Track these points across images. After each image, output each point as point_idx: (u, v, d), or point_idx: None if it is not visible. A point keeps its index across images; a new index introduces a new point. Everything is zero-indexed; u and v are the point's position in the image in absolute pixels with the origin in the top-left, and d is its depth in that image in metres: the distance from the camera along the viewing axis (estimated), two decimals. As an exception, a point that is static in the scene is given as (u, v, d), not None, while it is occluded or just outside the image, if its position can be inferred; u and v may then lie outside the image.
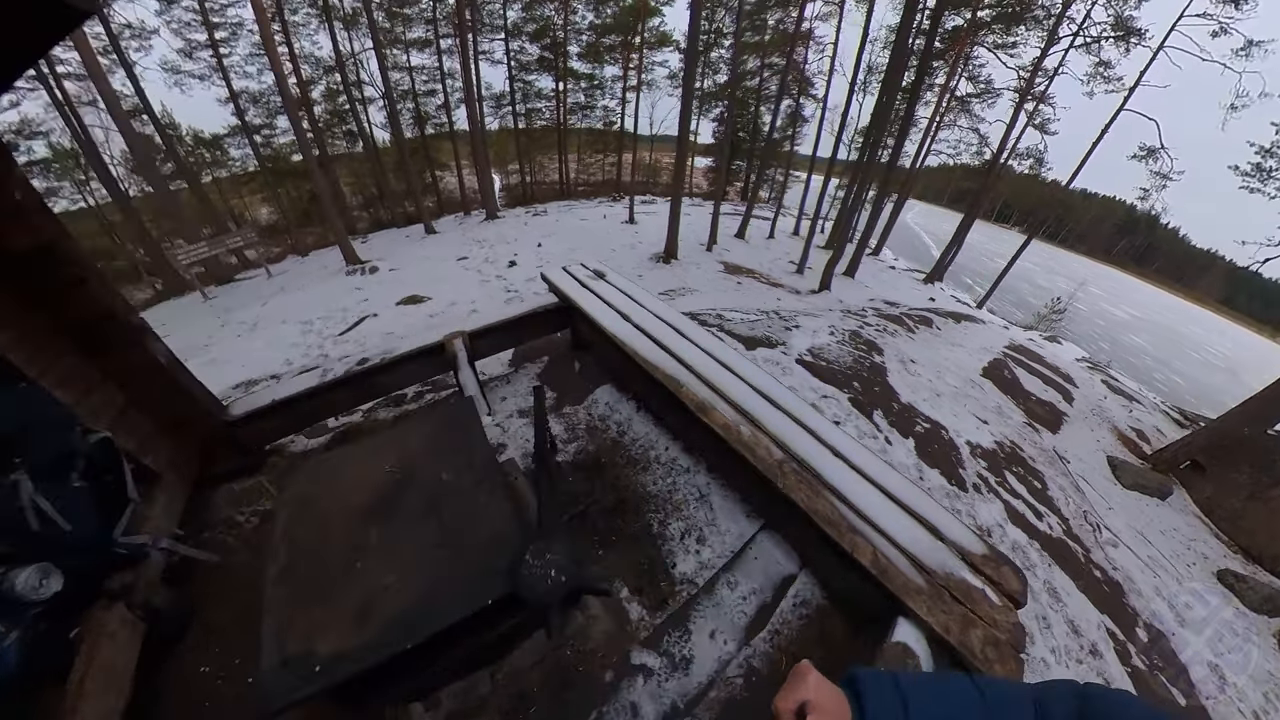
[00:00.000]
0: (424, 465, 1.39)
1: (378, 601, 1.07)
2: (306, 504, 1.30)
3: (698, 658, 1.57)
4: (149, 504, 1.64)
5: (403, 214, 20.98)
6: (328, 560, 1.16)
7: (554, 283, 3.15)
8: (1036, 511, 2.88)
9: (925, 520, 1.70)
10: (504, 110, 23.80)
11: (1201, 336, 31.70)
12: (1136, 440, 5.78)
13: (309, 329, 7.59)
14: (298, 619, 1.05)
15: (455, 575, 1.12)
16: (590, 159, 28.36)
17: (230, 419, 2.02)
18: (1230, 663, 2.57)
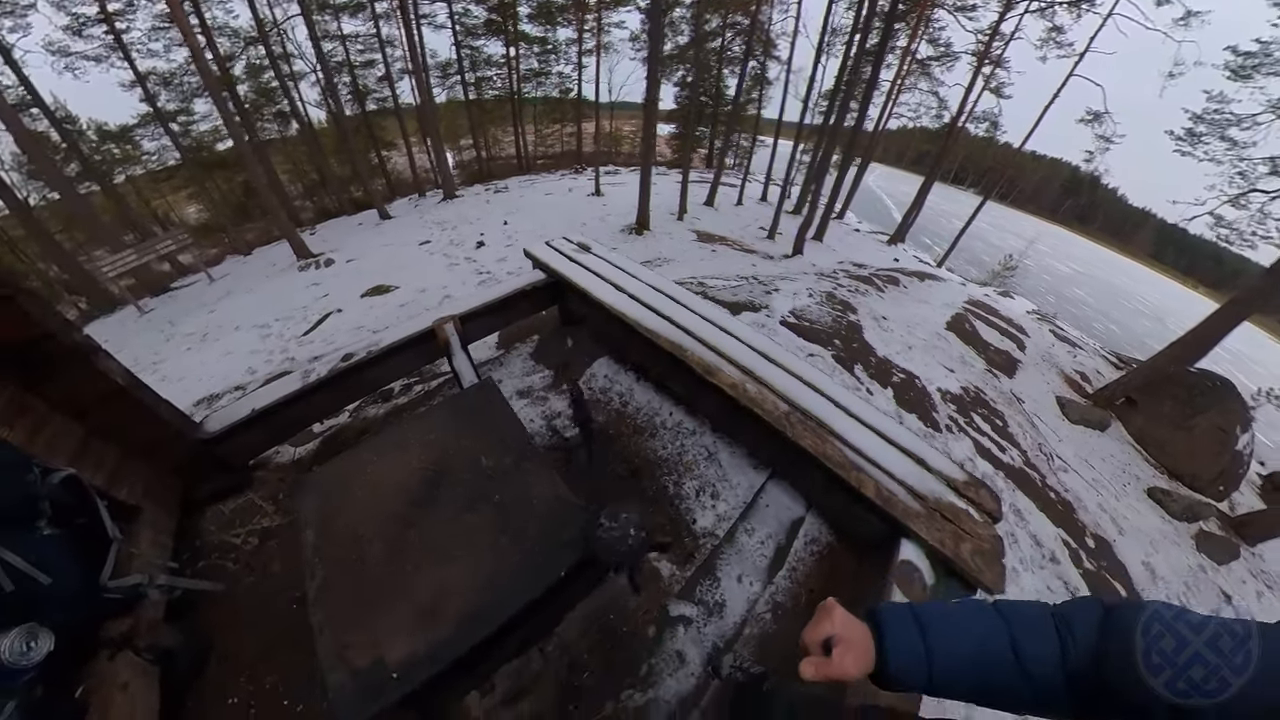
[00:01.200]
0: (457, 456, 1.37)
1: (444, 598, 1.07)
2: (332, 516, 1.24)
3: (729, 601, 1.73)
4: (133, 540, 1.49)
5: (350, 200, 19.43)
6: (373, 568, 1.13)
7: (540, 258, 3.10)
8: (1000, 446, 3.21)
9: (914, 455, 1.90)
10: (452, 80, 22.09)
11: (1134, 288, 34.45)
12: (1080, 382, 6.40)
13: (268, 333, 7.15)
14: (357, 633, 1.01)
15: (519, 556, 1.13)
16: (548, 130, 27.09)
17: (207, 436, 1.83)
18: (1158, 561, 3.02)
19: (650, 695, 1.47)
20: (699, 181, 18.31)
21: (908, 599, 1.47)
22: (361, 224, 15.18)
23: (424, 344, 2.44)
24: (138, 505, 1.59)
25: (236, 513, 1.90)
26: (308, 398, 2.09)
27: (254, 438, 2.04)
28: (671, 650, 1.58)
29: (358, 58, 19.20)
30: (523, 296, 3.06)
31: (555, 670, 1.50)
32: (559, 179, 20.56)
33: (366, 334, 2.27)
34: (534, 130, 26.55)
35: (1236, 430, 5.69)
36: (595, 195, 16.08)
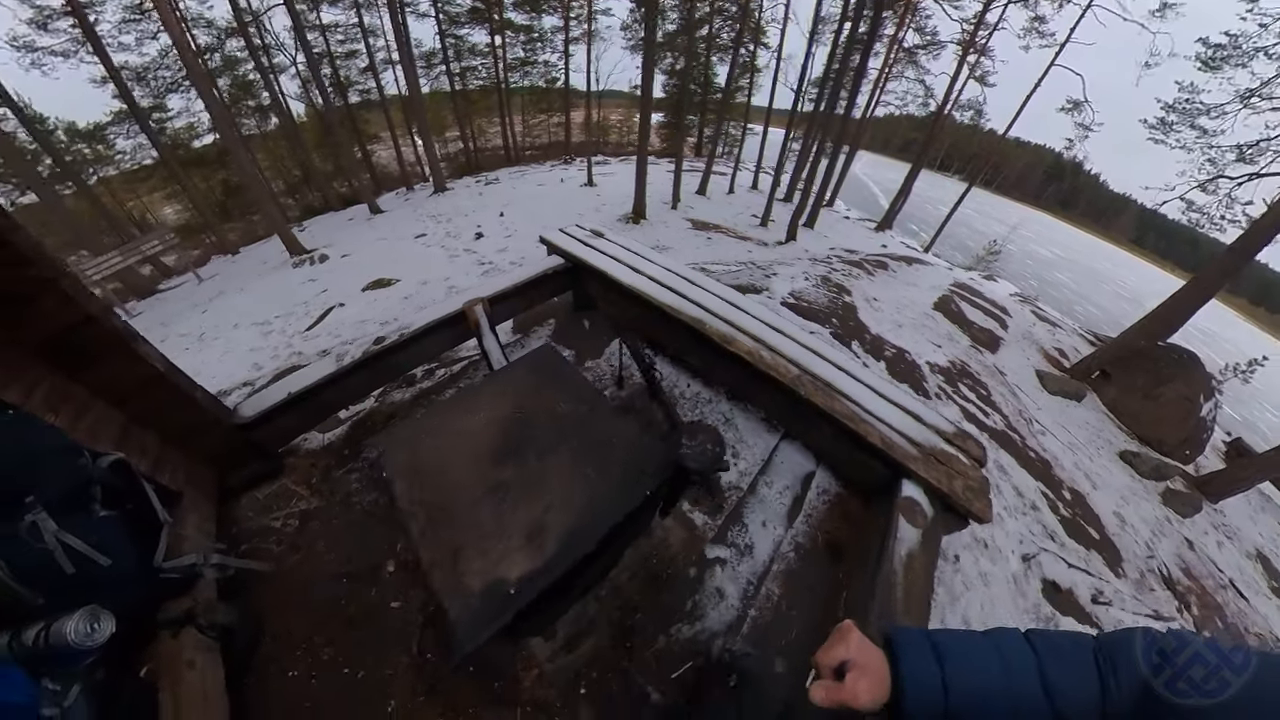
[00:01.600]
0: (534, 408, 1.49)
1: (545, 523, 1.18)
2: (420, 469, 1.29)
3: (757, 544, 1.96)
4: (180, 524, 1.51)
5: (338, 196, 19.13)
6: (472, 507, 1.20)
7: (557, 244, 3.23)
8: (984, 411, 3.51)
9: (909, 411, 2.16)
10: (436, 70, 21.66)
11: (1114, 272, 35.43)
12: (1058, 357, 6.77)
13: (269, 329, 7.11)
14: (469, 563, 1.09)
15: (608, 484, 1.29)
16: (535, 120, 26.83)
17: (242, 422, 1.82)
18: (1128, 511, 3.35)
19: (697, 627, 1.70)
20: (690, 170, 18.39)
21: (913, 528, 1.73)
22: (352, 219, 15.01)
23: (454, 326, 2.52)
24: (180, 491, 1.59)
25: (272, 498, 1.92)
26: (341, 381, 2.11)
27: (286, 423, 2.05)
28: (712, 587, 1.81)
29: (339, 48, 18.65)
30: (545, 280, 3.15)
31: (609, 613, 1.70)
32: (549, 170, 20.48)
33: (373, 326, 2.31)
34: (521, 121, 26.26)
35: (1200, 399, 6.10)
36: (588, 185, 16.10)
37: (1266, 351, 10.68)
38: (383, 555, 1.78)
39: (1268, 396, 20.66)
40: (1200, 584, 3.28)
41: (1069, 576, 2.40)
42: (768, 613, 1.76)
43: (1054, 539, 2.60)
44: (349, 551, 1.77)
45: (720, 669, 1.28)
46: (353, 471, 2.08)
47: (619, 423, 1.46)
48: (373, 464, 2.14)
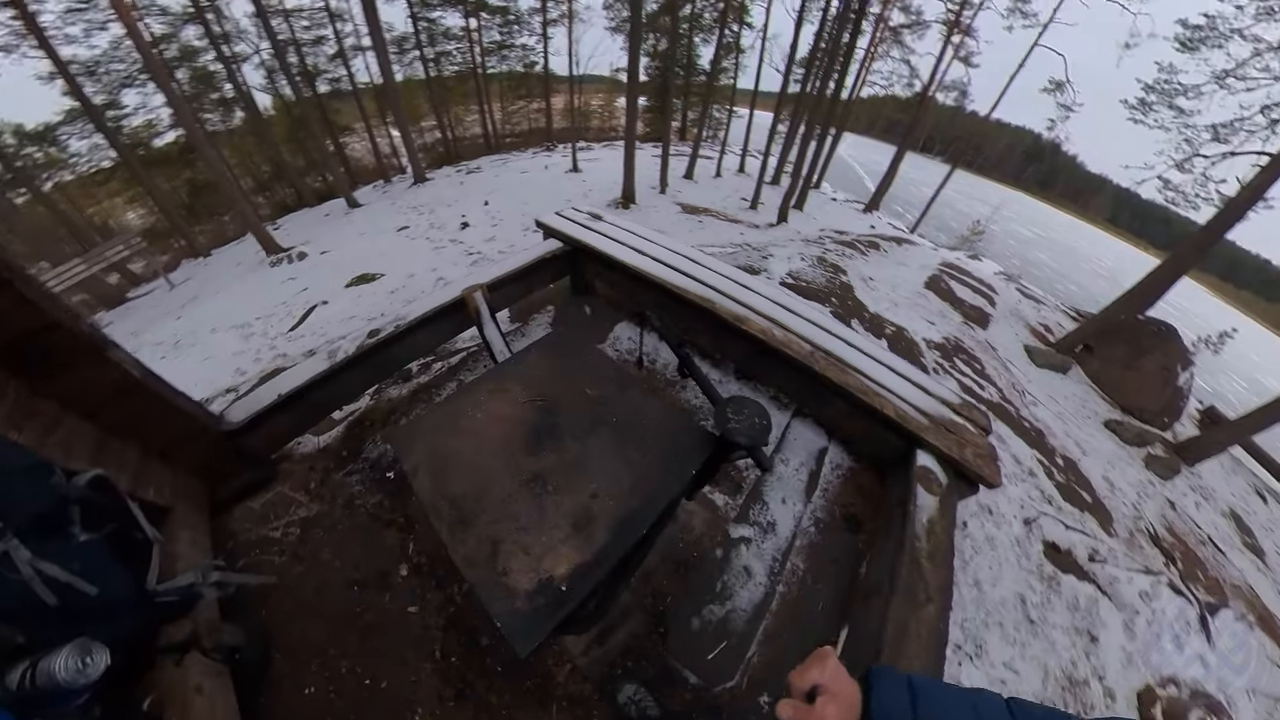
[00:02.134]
0: (561, 390, 1.42)
1: (593, 511, 1.11)
2: (444, 460, 1.20)
3: (778, 520, 2.00)
4: (172, 542, 1.40)
5: (312, 191, 18.35)
6: (508, 500, 1.12)
7: (555, 227, 3.12)
8: (980, 385, 3.62)
9: (918, 384, 2.21)
10: (409, 56, 20.75)
11: (1091, 250, 36.34)
12: (1044, 332, 6.97)
13: (249, 332, 6.87)
14: (510, 561, 1.01)
15: (653, 462, 1.23)
16: (514, 106, 26.08)
17: (231, 428, 1.68)
18: (1115, 476, 3.51)
19: (728, 606, 1.74)
20: (676, 155, 18.21)
21: (930, 495, 1.79)
22: (329, 215, 14.46)
23: (453, 315, 2.39)
24: (168, 506, 1.47)
25: (269, 507, 1.81)
26: (334, 379, 1.98)
27: (278, 427, 1.91)
28: (739, 566, 1.85)
29: (305, 34, 17.49)
30: (544, 264, 3.05)
31: (641, 600, 1.70)
32: (532, 157, 20.07)
33: (360, 323, 2.18)
34: (500, 107, 25.54)
35: (1177, 369, 6.37)
36: (573, 172, 15.84)
37: (1235, 325, 11.16)
38: (393, 560, 1.70)
39: (1235, 368, 21.64)
40: (1183, 541, 3.47)
41: (1067, 538, 2.51)
42: (794, 587, 1.81)
43: (1051, 503, 2.72)
44: (356, 558, 1.69)
45: None
46: (353, 474, 1.99)
47: (651, 399, 1.43)
48: (374, 464, 2.06)
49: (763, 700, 1.55)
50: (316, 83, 18.49)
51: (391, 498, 1.90)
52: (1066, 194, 74.59)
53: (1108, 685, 2.04)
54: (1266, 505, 6.17)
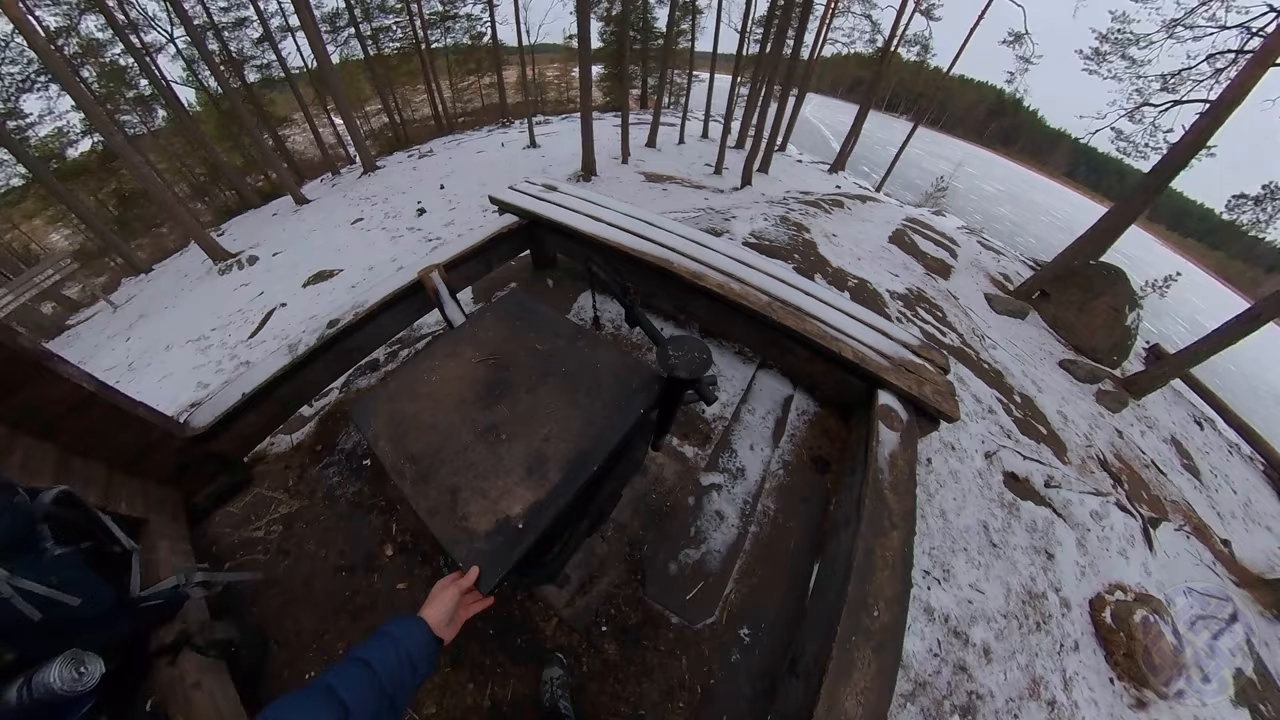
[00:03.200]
0: (513, 347, 1.43)
1: (545, 453, 1.15)
2: (402, 424, 1.23)
3: (747, 466, 2.06)
4: (151, 551, 1.42)
5: (255, 191, 17.10)
6: (465, 451, 1.16)
7: (509, 201, 3.04)
8: (942, 331, 3.73)
9: (877, 327, 2.26)
10: (344, 34, 19.04)
11: (1049, 203, 37.69)
12: (1003, 281, 7.24)
13: (207, 344, 6.64)
14: (469, 506, 1.06)
15: (603, 404, 1.27)
16: (464, 83, 24.77)
17: (197, 433, 1.67)
18: (1069, 410, 3.71)
19: (703, 549, 1.78)
20: (637, 123, 17.78)
21: (891, 430, 1.84)
22: (276, 214, 13.69)
23: (412, 298, 2.39)
24: (143, 518, 1.47)
25: (249, 509, 1.84)
26: (299, 373, 1.96)
27: (247, 428, 1.90)
28: (711, 511, 1.89)
29: (224, 17, 15.78)
30: (501, 240, 2.99)
31: (618, 550, 1.75)
32: (487, 135, 19.26)
33: (321, 322, 2.12)
34: (449, 85, 24.18)
35: (1126, 309, 6.75)
36: (531, 147, 15.34)
37: (1180, 270, 11.87)
38: (378, 542, 1.74)
39: (1178, 311, 23.16)
40: (1129, 465, 3.73)
41: (1025, 467, 2.66)
42: (766, 527, 1.86)
43: (1010, 437, 2.86)
44: (341, 545, 1.74)
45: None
46: (329, 467, 2.01)
47: (602, 348, 1.44)
48: (349, 454, 2.06)
49: (742, 633, 1.61)
50: (244, 71, 16.92)
51: (370, 484, 1.92)
52: (1027, 149, 76.88)
53: (1063, 596, 2.19)
54: (1203, 431, 6.72)
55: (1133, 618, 2.28)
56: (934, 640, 1.82)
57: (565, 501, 1.08)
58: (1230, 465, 6.35)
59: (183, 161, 18.06)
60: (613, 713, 1.43)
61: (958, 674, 1.78)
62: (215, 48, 15.54)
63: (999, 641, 1.92)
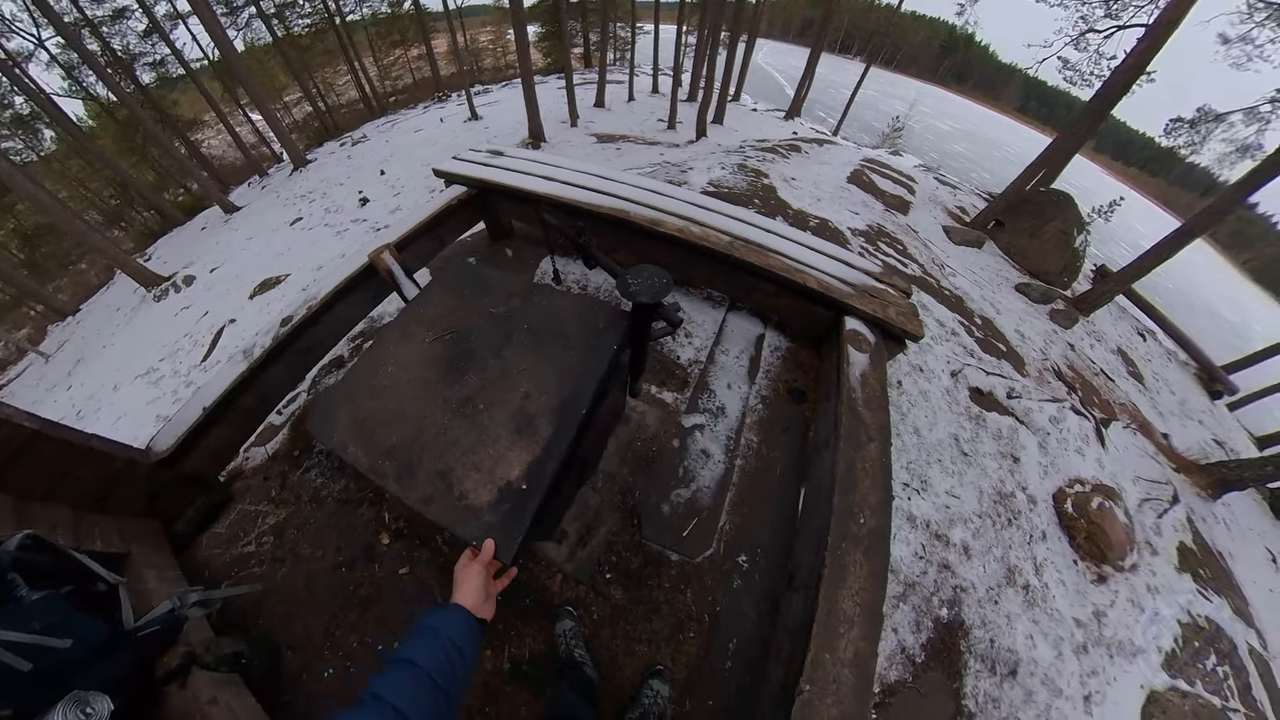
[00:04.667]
0: (467, 316, 1.38)
1: (529, 410, 1.14)
2: (368, 422, 1.16)
3: (727, 404, 2.12)
4: (139, 582, 1.38)
5: (176, 207, 15.53)
6: (445, 430, 1.12)
7: (455, 171, 2.90)
8: (903, 263, 3.86)
9: (839, 258, 2.31)
10: (243, 15, 16.91)
11: (1002, 139, 38.77)
12: (960, 214, 7.49)
13: (158, 377, 6.29)
14: (464, 483, 1.03)
15: (574, 349, 1.26)
16: (390, 58, 23.00)
17: (162, 456, 1.60)
18: (1026, 329, 3.95)
19: (694, 487, 1.84)
20: (583, 83, 17.10)
21: (861, 352, 1.91)
22: (205, 228, 12.66)
23: (366, 283, 2.27)
24: (123, 552, 1.42)
25: (235, 527, 1.81)
26: (259, 378, 1.88)
27: (216, 443, 1.82)
28: (697, 451, 1.94)
29: (96, 10, 13.54)
30: (450, 213, 2.81)
31: (611, 499, 1.79)
32: (424, 112, 18.13)
33: (276, 323, 2.02)
34: (374, 62, 22.36)
35: (1074, 232, 7.13)
36: (473, 120, 14.62)
37: (1123, 196, 12.56)
38: (372, 533, 1.75)
39: (1122, 236, 24.65)
40: (1081, 375, 4.02)
41: (988, 382, 2.82)
42: (751, 459, 1.92)
43: (973, 356, 3.02)
44: (336, 543, 1.73)
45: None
46: (310, 470, 1.98)
47: (560, 298, 1.42)
48: (328, 454, 2.03)
49: (740, 560, 1.69)
50: (136, 71, 14.93)
51: (355, 479, 1.91)
52: (980, 86, 78.28)
53: (1030, 493, 2.39)
54: (1145, 342, 7.31)
55: (1090, 506, 2.50)
56: (918, 545, 1.96)
57: (562, 451, 1.06)
58: (1169, 370, 6.96)
59: (86, 185, 16.31)
60: (628, 653, 1.50)
61: (942, 572, 1.94)
62: (96, 47, 13.64)
63: (976, 539, 2.08)
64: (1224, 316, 22.44)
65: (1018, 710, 1.82)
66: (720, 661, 1.50)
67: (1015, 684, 1.89)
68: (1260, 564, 3.67)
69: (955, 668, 1.80)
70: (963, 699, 1.75)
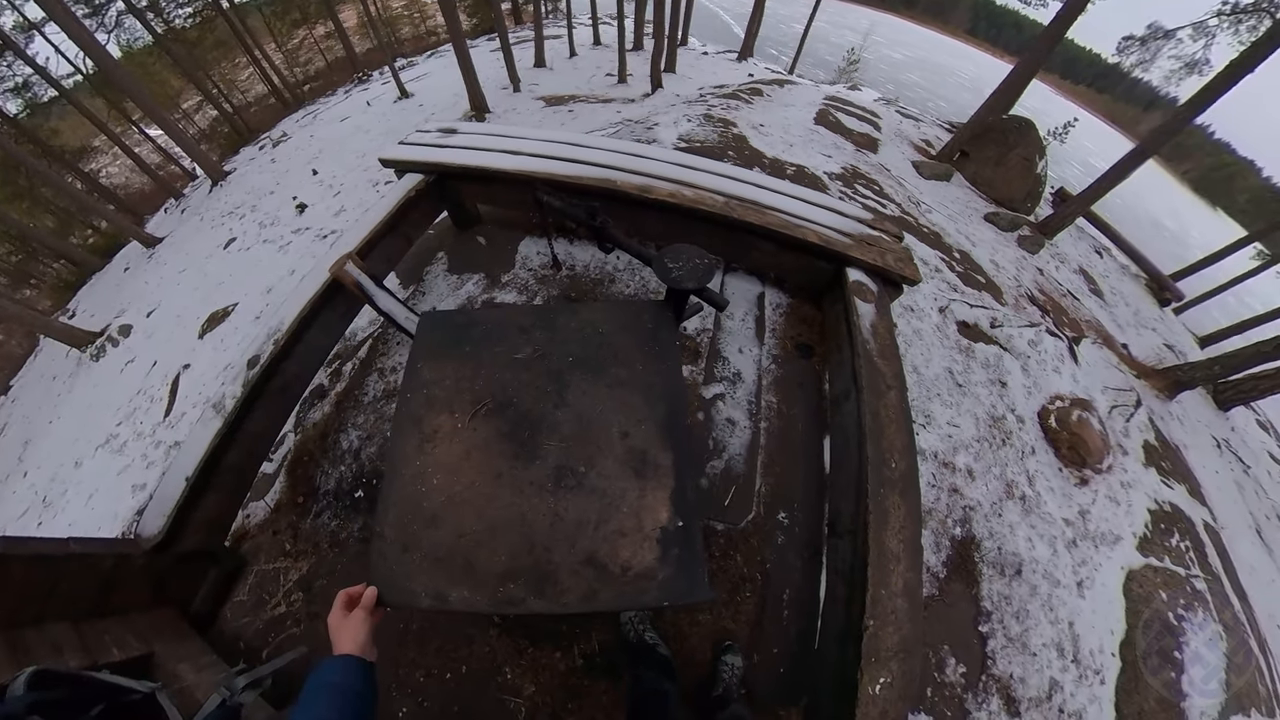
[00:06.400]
0: (492, 382, 1.25)
1: (636, 444, 1.12)
2: (452, 560, 1.01)
3: (742, 369, 2.21)
4: (176, 680, 1.33)
5: (88, 250, 13.96)
6: (554, 518, 1.03)
7: (404, 158, 2.66)
8: (881, 204, 4.01)
9: (833, 209, 2.38)
10: (110, 14, 14.43)
11: (956, 65, 39.12)
12: (926, 147, 7.66)
13: (120, 444, 5.88)
14: (618, 555, 0.98)
15: (641, 361, 1.23)
16: (294, 41, 20.90)
17: (155, 542, 1.52)
18: (999, 257, 4.18)
19: (725, 456, 1.95)
20: (519, 42, 16.09)
21: (867, 303, 2.02)
22: (129, 268, 11.54)
23: (332, 301, 2.08)
24: (146, 652, 1.36)
25: (256, 591, 1.76)
26: (240, 429, 1.76)
27: (209, 512, 1.72)
28: (722, 420, 2.04)
29: None
30: (411, 206, 2.58)
31: None
32: (345, 97, 16.68)
33: (236, 369, 1.88)
34: (277, 47, 20.19)
35: (1036, 158, 7.42)
36: (404, 98, 13.67)
37: (1075, 116, 13.00)
38: None
39: (1074, 156, 25.64)
40: (1051, 297, 4.34)
41: (972, 314, 3.03)
42: (774, 419, 2.04)
43: (956, 290, 3.22)
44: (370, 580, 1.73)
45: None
46: (321, 514, 1.92)
47: (587, 311, 1.33)
48: (335, 493, 1.97)
49: (780, 518, 1.83)
50: None
51: (371, 513, 1.86)
52: (930, 9, 77.72)
53: (1018, 414, 2.63)
54: (1101, 258, 7.84)
55: (1070, 418, 2.78)
56: (929, 475, 2.16)
57: (690, 466, 1.02)
58: (1124, 283, 7.52)
59: (-26, 245, 14.27)
60: (693, 624, 1.61)
61: (952, 496, 2.15)
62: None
63: (977, 462, 2.30)
64: (1166, 226, 24.05)
65: (1026, 603, 2.09)
66: (777, 612, 1.66)
67: (1021, 581, 2.16)
68: (1208, 450, 4.17)
69: (972, 576, 2.04)
70: (981, 601, 2.00)
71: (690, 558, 0.94)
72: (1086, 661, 2.11)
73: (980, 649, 1.94)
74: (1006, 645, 2.00)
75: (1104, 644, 2.22)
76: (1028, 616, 2.09)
